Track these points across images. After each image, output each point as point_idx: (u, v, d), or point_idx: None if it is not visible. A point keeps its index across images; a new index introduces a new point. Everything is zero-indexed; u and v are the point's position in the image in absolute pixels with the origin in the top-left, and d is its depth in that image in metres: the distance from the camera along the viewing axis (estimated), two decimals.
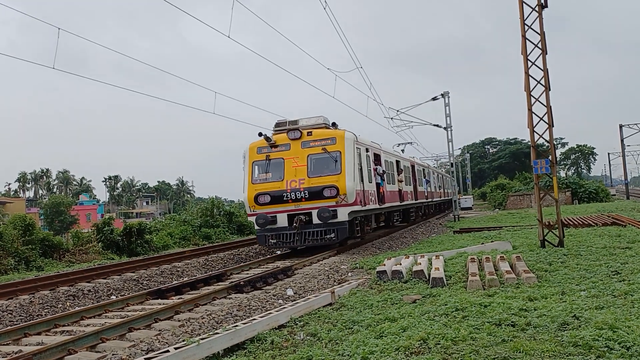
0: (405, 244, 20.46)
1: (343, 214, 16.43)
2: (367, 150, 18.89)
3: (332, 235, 16.31)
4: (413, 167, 30.49)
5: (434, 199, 38.89)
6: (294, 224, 16.44)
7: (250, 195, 17.29)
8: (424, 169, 35.04)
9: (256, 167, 17.68)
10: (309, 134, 17.31)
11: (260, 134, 17.61)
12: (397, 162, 25.72)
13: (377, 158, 20.90)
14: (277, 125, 18.34)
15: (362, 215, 18.33)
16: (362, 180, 17.70)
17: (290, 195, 16.66)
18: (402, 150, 40.15)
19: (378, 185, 20.12)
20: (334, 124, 17.80)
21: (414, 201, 28.87)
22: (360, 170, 17.70)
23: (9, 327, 8.78)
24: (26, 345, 7.90)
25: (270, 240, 16.93)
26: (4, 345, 7.84)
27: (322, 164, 17.05)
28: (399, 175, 25.03)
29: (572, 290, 8.26)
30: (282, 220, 16.87)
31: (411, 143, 46.68)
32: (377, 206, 19.72)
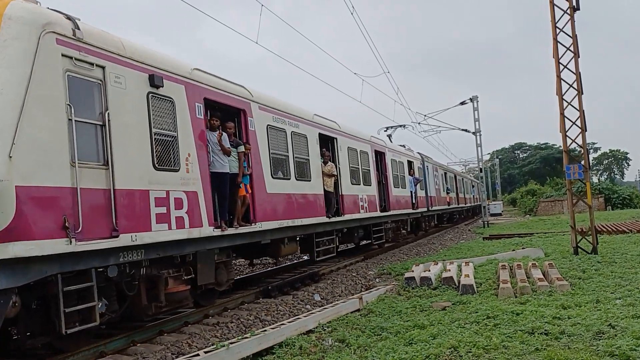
0: (434, 250, 20.24)
1: None
2: (152, 83, 7.61)
3: None
4: (381, 155, 18.71)
5: (434, 207, 26.89)
6: None
7: None
8: (410, 162, 23.06)
9: None
10: None
11: None
12: (331, 140, 14.28)
13: (228, 115, 9.91)
14: None
15: (124, 264, 7.05)
16: (109, 163, 6.62)
17: None
18: (389, 136, 28.38)
19: (218, 178, 8.92)
20: None
21: (376, 213, 17.05)
22: (102, 130, 6.67)
23: None
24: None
25: None
26: None
27: None
28: (327, 164, 13.68)
29: (607, 299, 8.05)
30: None
31: (404, 126, 30.38)
32: (215, 232, 8.62)
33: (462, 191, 40.61)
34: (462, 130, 36.49)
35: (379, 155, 18.59)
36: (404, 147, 23.71)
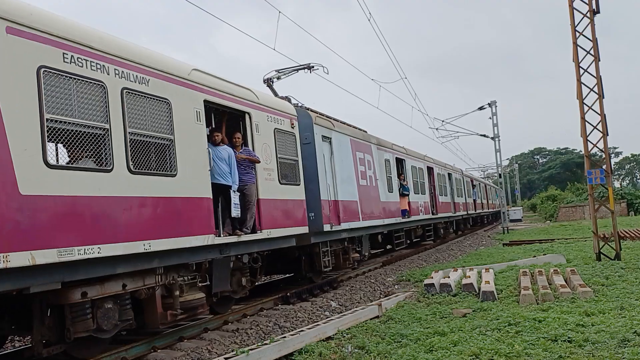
0: (453, 256, 20.08)
1: None
2: None
3: None
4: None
5: (355, 224, 13.59)
6: None
7: None
8: (242, 113, 9.26)
9: None
10: None
11: None
12: None
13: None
14: None
15: None
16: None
17: None
18: (270, 86, 13.39)
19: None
20: None
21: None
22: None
23: None
24: None
25: None
26: None
27: None
28: None
29: (632, 305, 7.90)
30: None
31: (310, 68, 13.57)
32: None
33: (446, 193, 25.09)
34: (481, 135, 36.20)
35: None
36: (288, 99, 12.29)
